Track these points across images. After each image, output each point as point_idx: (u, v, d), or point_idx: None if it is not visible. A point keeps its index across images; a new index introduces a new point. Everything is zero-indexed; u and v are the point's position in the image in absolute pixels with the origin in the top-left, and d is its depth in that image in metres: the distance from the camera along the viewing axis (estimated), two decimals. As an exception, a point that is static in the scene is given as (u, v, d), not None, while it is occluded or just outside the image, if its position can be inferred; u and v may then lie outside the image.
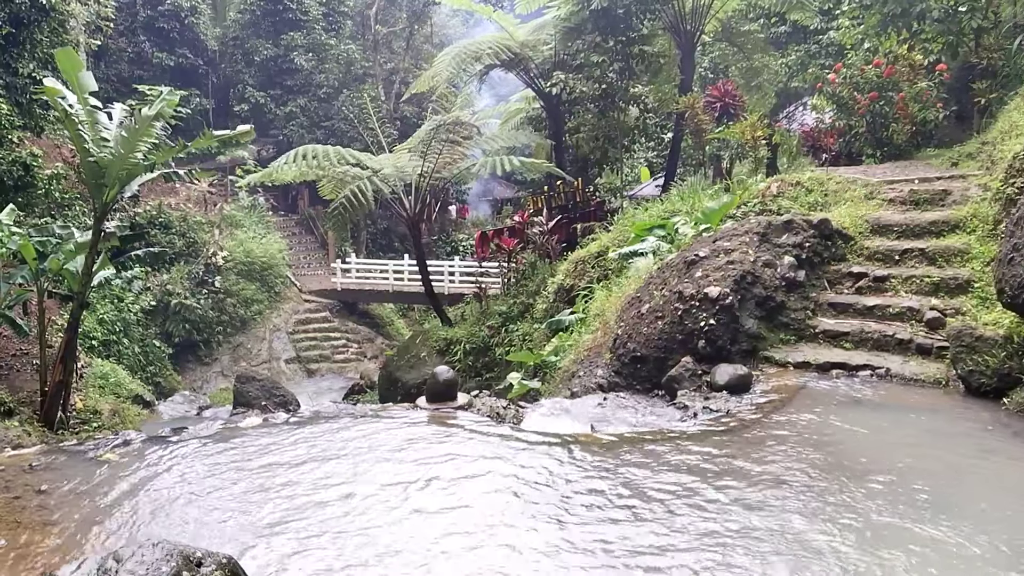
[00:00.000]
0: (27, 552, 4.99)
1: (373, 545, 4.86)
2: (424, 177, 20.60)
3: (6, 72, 18.81)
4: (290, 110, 37.05)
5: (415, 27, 40.43)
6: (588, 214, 22.33)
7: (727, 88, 20.18)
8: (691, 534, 4.83)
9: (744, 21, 25.18)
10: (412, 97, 32.63)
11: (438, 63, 24.61)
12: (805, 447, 6.27)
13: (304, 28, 37.84)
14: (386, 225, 38.28)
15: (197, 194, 30.26)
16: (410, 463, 6.27)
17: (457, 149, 20.89)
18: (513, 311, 18.19)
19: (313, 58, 37.36)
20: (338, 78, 37.42)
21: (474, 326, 19.09)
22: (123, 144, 12.02)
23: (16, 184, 17.88)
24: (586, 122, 23.45)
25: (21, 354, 16.04)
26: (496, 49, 23.38)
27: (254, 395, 18.50)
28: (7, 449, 7.64)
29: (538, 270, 18.71)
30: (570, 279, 15.38)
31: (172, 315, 25.91)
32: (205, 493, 5.77)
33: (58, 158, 23.64)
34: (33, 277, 13.43)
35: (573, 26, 22.75)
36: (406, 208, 21.14)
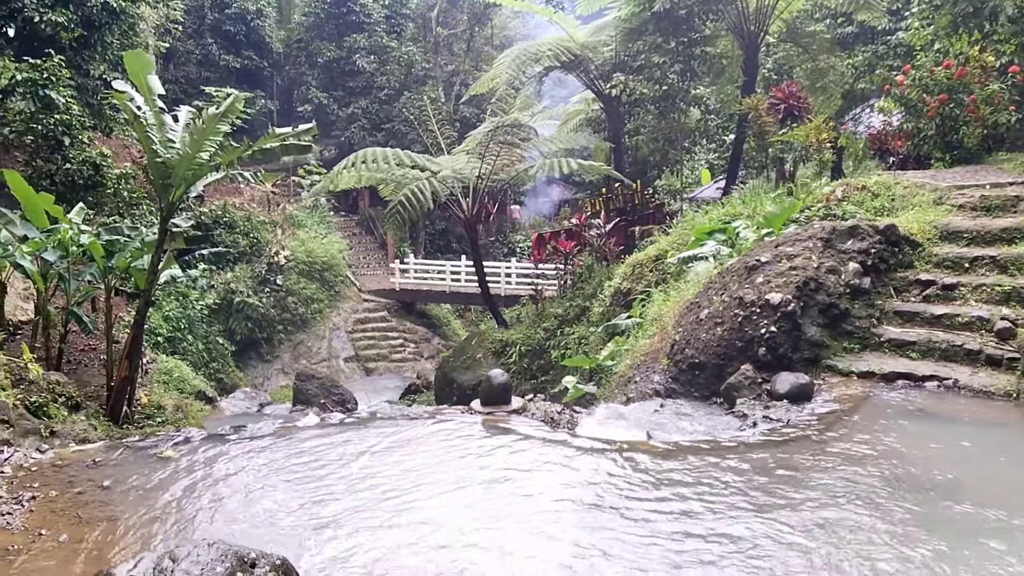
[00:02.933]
0: (87, 547, 5.09)
1: (422, 545, 4.85)
2: (482, 179, 20.64)
3: (78, 73, 19.35)
4: (352, 112, 37.45)
5: (476, 29, 40.53)
6: (647, 217, 22.15)
7: (791, 90, 19.81)
8: (745, 549, 4.72)
9: (809, 21, 24.71)
10: (471, 99, 32.75)
11: (498, 65, 24.65)
12: (868, 459, 6.10)
13: (367, 30, 38.22)
14: (444, 226, 38.46)
15: (261, 194, 30.77)
16: (464, 467, 6.26)
17: (515, 151, 20.89)
18: (569, 314, 18.11)
19: (375, 60, 37.71)
20: (399, 80, 37.71)
21: (530, 328, 19.05)
22: (189, 145, 12.24)
23: (86, 183, 18.39)
24: (646, 124, 23.28)
25: (89, 349, 16.45)
26: (556, 51, 23.34)
27: (313, 393, 18.77)
28: (72, 444, 7.83)
29: (595, 273, 18.60)
30: (627, 283, 15.25)
31: (235, 313, 26.33)
32: (262, 492, 5.83)
33: (127, 158, 24.24)
34: (101, 275, 13.76)
35: (634, 27, 22.59)
36: (464, 209, 21.20)
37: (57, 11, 18.49)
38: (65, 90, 18.17)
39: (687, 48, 22.04)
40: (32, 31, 18.49)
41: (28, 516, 5.61)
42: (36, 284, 13.80)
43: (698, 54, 22.37)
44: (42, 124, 17.89)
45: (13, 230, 13.51)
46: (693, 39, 22.07)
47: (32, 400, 11.37)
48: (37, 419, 10.49)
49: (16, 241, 13.41)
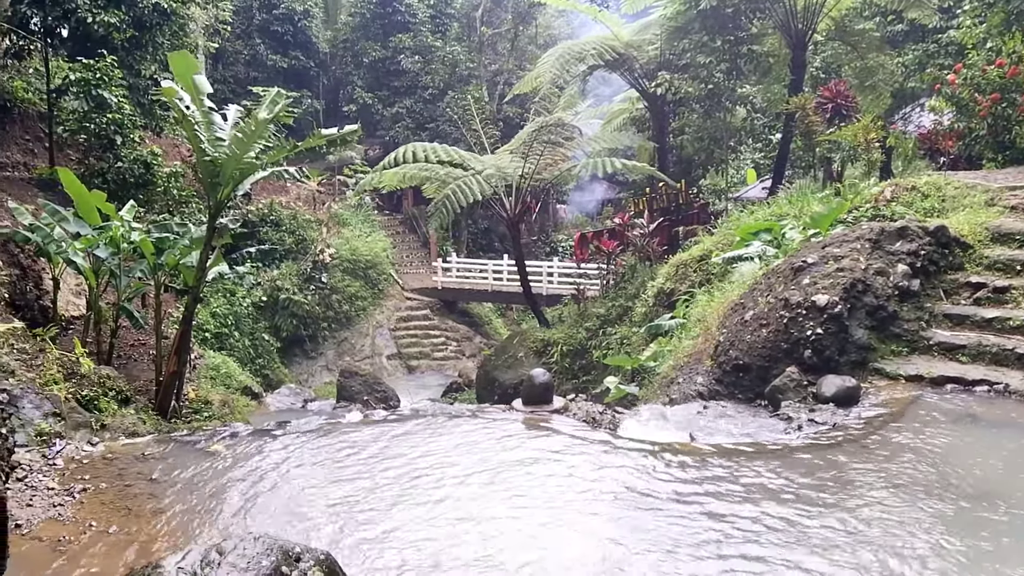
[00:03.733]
0: (135, 539, 5.18)
1: (463, 544, 4.87)
2: (525, 178, 20.65)
3: (129, 73, 19.71)
4: (396, 111, 37.70)
5: (520, 28, 40.54)
6: (691, 216, 21.99)
7: (840, 88, 19.51)
8: (788, 552, 4.67)
9: (858, 19, 24.32)
10: (515, 98, 32.77)
11: (542, 64, 24.64)
12: (916, 465, 5.99)
13: (412, 30, 38.46)
14: (486, 225, 38.56)
15: (307, 193, 31.11)
16: (505, 466, 6.26)
17: (559, 150, 20.87)
18: (611, 314, 18.05)
19: (420, 60, 37.92)
20: (443, 79, 37.87)
21: (572, 328, 19.02)
22: (237, 144, 12.41)
23: (137, 181, 18.73)
24: (691, 123, 23.11)
25: (139, 344, 16.79)
26: (600, 49, 23.26)
27: (356, 390, 18.93)
28: (122, 437, 7.97)
29: (638, 273, 18.51)
30: (671, 283, 15.15)
31: (281, 310, 26.64)
32: (306, 487, 5.89)
33: (176, 157, 24.66)
34: (151, 271, 14.03)
35: (680, 25, 22.43)
36: (506, 208, 21.23)
37: (110, 12, 18.85)
38: (117, 90, 18.53)
39: (733, 47, 21.83)
40: (85, 32, 18.86)
41: (79, 508, 5.72)
42: (88, 280, 14.11)
43: (744, 52, 22.14)
44: (95, 123, 18.26)
45: (66, 227, 13.82)
46: (740, 37, 21.85)
47: (83, 394, 11.62)
48: (88, 412, 10.71)
49: (69, 238, 13.72)
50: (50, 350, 12.30)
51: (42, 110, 20.46)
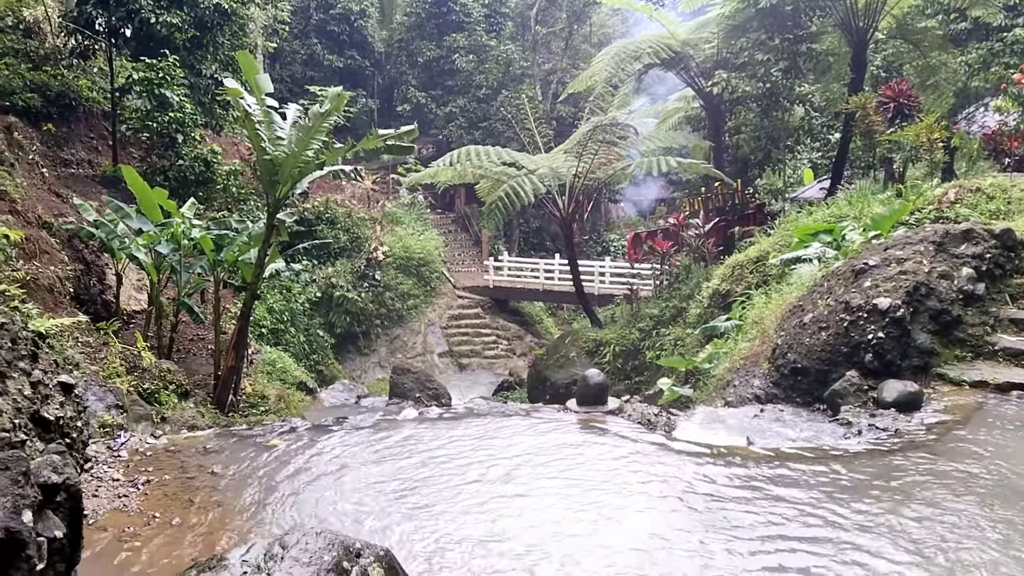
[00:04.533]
0: (198, 531, 5.28)
1: (511, 540, 4.86)
2: (579, 177, 20.60)
3: (190, 73, 20.10)
4: (450, 110, 37.88)
5: (574, 27, 40.43)
6: (747, 217, 21.71)
7: (901, 87, 19.12)
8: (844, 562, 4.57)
9: (921, 17, 23.79)
10: (569, 97, 32.71)
11: (596, 63, 24.54)
12: (980, 473, 5.84)
13: (466, 29, 38.62)
14: (538, 224, 38.54)
15: (361, 191, 31.38)
16: (562, 466, 6.25)
17: (613, 149, 20.78)
18: (665, 315, 17.92)
19: (474, 59, 38.05)
20: (497, 79, 37.95)
21: (624, 328, 18.92)
22: (296, 143, 12.58)
23: (198, 179, 19.08)
24: (748, 122, 22.81)
25: (197, 339, 17.09)
26: (656, 48, 23.09)
27: (409, 387, 19.05)
28: (183, 431, 8.13)
29: (692, 273, 18.35)
30: (726, 284, 14.99)
31: (335, 307, 26.92)
32: (364, 483, 5.94)
33: (235, 155, 25.06)
34: (210, 268, 14.28)
35: (737, 24, 22.17)
36: (559, 208, 21.20)
37: (172, 12, 19.24)
38: (179, 89, 18.89)
39: (792, 45, 21.51)
40: (148, 32, 19.27)
41: (143, 499, 5.84)
42: (150, 275, 14.40)
43: (803, 51, 21.80)
44: (157, 122, 18.64)
45: (129, 223, 14.13)
46: (799, 36, 21.51)
47: (145, 387, 11.89)
48: (149, 405, 10.96)
49: (132, 234, 14.02)
50: (113, 344, 12.60)
51: (106, 109, 20.94)
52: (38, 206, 15.33)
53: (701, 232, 19.43)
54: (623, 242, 35.48)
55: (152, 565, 4.78)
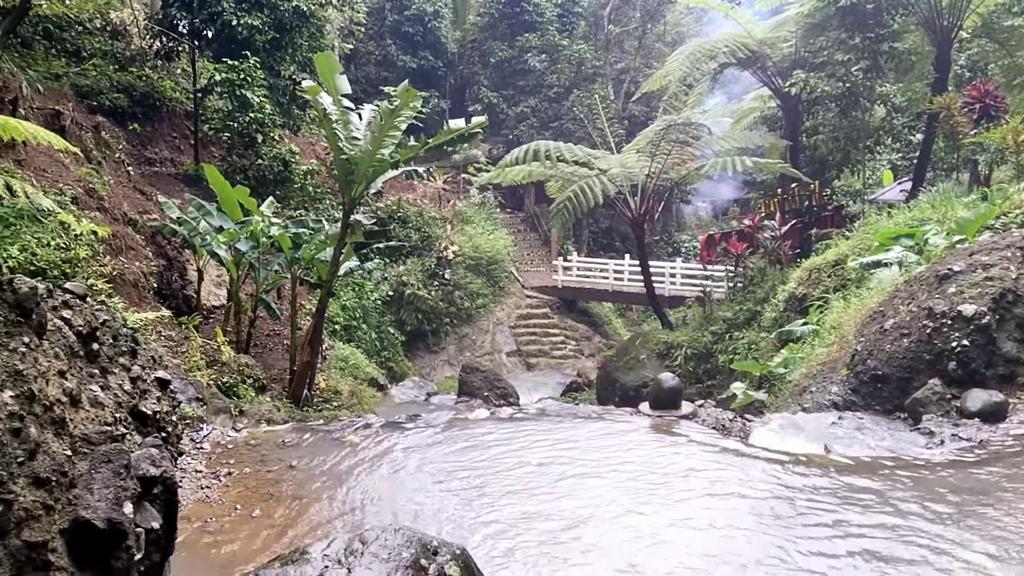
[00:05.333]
0: (279, 524, 5.39)
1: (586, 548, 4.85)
2: (651, 177, 20.43)
3: (269, 74, 20.53)
4: (521, 110, 37.93)
5: (648, 26, 40.11)
6: (824, 219, 21.23)
7: (987, 88, 18.49)
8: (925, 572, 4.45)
9: (1007, 15, 22.94)
10: (642, 96, 32.44)
11: (671, 62, 24.28)
12: (1073, 488, 5.62)
13: (539, 29, 38.63)
14: (608, 224, 38.35)
15: (433, 191, 31.65)
16: (635, 470, 6.21)
17: (687, 149, 20.55)
18: (739, 318, 17.66)
19: (546, 59, 38.05)
20: (569, 78, 37.87)
21: (696, 331, 18.70)
22: (371, 142, 12.75)
23: (276, 178, 19.49)
24: (826, 122, 22.33)
25: (274, 335, 17.46)
26: (732, 47, 22.74)
27: (477, 385, 19.11)
28: (263, 424, 8.31)
29: (768, 276, 18.05)
30: (803, 287, 14.71)
31: (406, 305, 27.19)
32: (438, 480, 6.00)
33: (312, 155, 25.52)
34: (288, 265, 14.57)
35: (817, 22, 21.72)
36: (631, 208, 21.06)
37: (253, 15, 19.67)
38: (259, 90, 19.32)
39: (873, 44, 20.97)
40: (230, 34, 19.74)
41: (225, 491, 6.00)
42: (229, 272, 14.76)
43: (885, 50, 21.24)
44: (238, 122, 19.09)
45: (210, 221, 14.49)
46: (880, 34, 20.96)
47: (224, 380, 12.19)
48: (228, 398, 11.23)
49: (213, 231, 14.38)
50: (194, 338, 12.95)
51: (188, 109, 21.51)
52: (124, 203, 15.83)
53: (777, 234, 19.09)
54: (695, 243, 35.12)
55: (235, 556, 4.89)
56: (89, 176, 14.86)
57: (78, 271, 10.55)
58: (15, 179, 10.23)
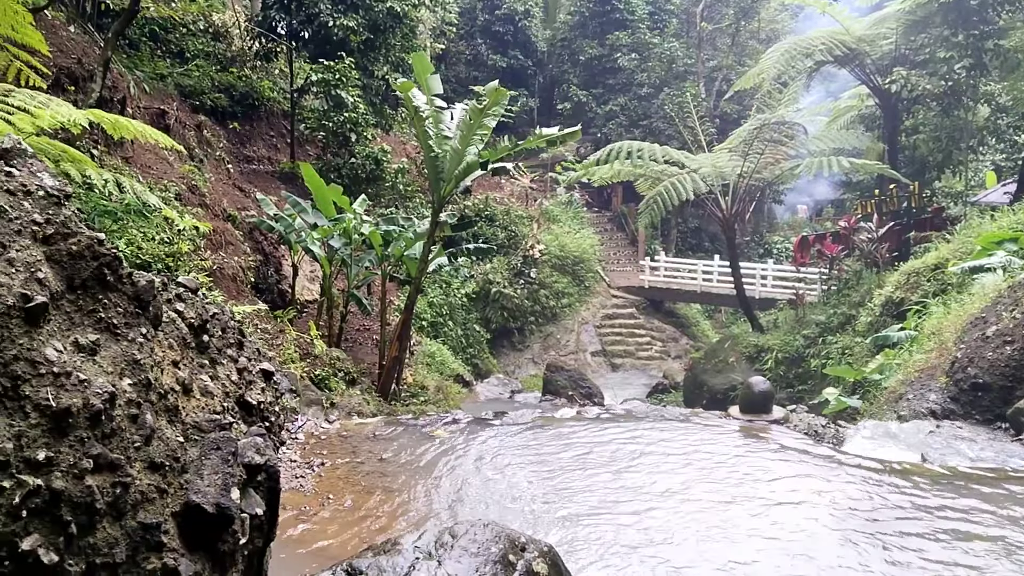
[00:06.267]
0: (369, 514, 5.51)
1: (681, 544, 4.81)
2: (743, 177, 20.11)
3: (364, 74, 20.94)
4: (610, 109, 37.77)
5: (742, 23, 39.44)
6: (924, 222, 20.53)
7: (1102, 85, 17.63)
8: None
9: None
10: (734, 94, 31.95)
11: (765, 59, 23.81)
12: None
13: (629, 27, 38.40)
14: (697, 224, 37.88)
15: (520, 189, 31.77)
16: (724, 474, 6.14)
17: (780, 148, 20.14)
18: (832, 322, 17.23)
19: (636, 57, 37.79)
20: (659, 76, 37.53)
21: (788, 335, 18.32)
22: (461, 142, 12.90)
23: (368, 176, 19.87)
24: (927, 121, 21.61)
25: (363, 329, 17.82)
26: (830, 44, 22.17)
27: (562, 384, 19.14)
28: (355, 417, 8.50)
29: (863, 280, 17.56)
30: (900, 292, 14.28)
31: (491, 302, 27.38)
32: (525, 478, 6.04)
33: (403, 154, 25.93)
34: (378, 261, 14.85)
35: (918, 19, 21.02)
36: (721, 208, 20.76)
37: (348, 16, 20.11)
38: (353, 90, 19.73)
39: (977, 41, 20.18)
40: (326, 35, 20.22)
41: (318, 481, 6.16)
42: (323, 268, 15.12)
43: (990, 48, 20.42)
44: (332, 121, 19.52)
45: (305, 218, 14.86)
46: (985, 31, 20.16)
47: (316, 373, 12.50)
48: (319, 391, 11.52)
49: (308, 228, 14.76)
50: (288, 331, 13.32)
51: (285, 109, 22.10)
52: (224, 200, 16.37)
53: (874, 236, 18.56)
54: (787, 244, 34.39)
55: (328, 545, 5.03)
56: (191, 173, 15.41)
57: (180, 265, 10.96)
58: (124, 176, 10.68)
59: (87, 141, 11.61)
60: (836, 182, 36.45)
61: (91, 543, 2.18)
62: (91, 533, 2.18)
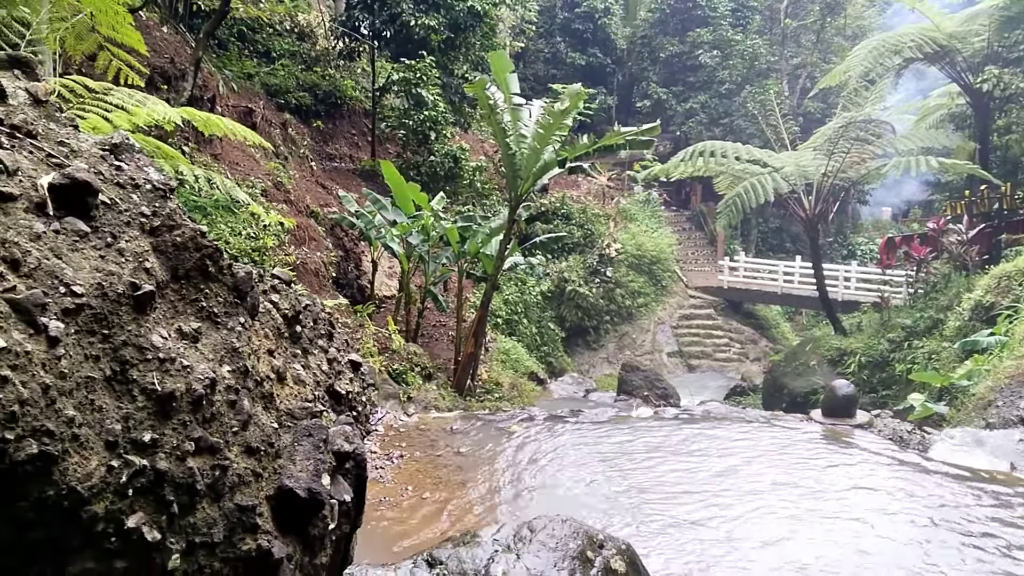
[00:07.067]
0: (447, 506, 5.59)
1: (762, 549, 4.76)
2: (828, 176, 19.67)
3: (444, 73, 21.14)
4: (690, 106, 37.36)
5: (827, 19, 38.57)
6: (1016, 224, 19.78)
7: None
8: None
9: None
10: (818, 92, 31.31)
11: (852, 57, 23.25)
12: None
13: (711, 24, 37.95)
14: (778, 224, 37.21)
15: (596, 187, 31.65)
16: (806, 478, 6.04)
17: (867, 148, 19.64)
18: (919, 326, 16.74)
19: (717, 54, 37.31)
20: (741, 74, 36.97)
21: (872, 338, 17.87)
22: (539, 140, 12.93)
23: (446, 174, 20.07)
24: (1021, 120, 20.83)
25: (439, 325, 18.01)
26: (919, 41, 21.54)
27: (637, 384, 19.04)
28: (432, 411, 8.61)
29: (952, 283, 17.02)
30: (991, 296, 13.81)
31: (566, 301, 27.33)
32: (603, 476, 6.04)
33: (480, 152, 26.10)
34: (455, 258, 15.00)
35: (1012, 15, 20.29)
36: (804, 208, 20.35)
37: (429, 15, 20.33)
38: (433, 88, 19.93)
39: (1076, 37, 19.42)
40: (407, 34, 20.47)
41: (397, 472, 6.27)
42: (401, 264, 15.34)
43: (1089, 44, 19.62)
44: (412, 120, 19.76)
45: (385, 215, 15.10)
46: (1084, 28, 19.38)
47: (394, 367, 12.70)
48: (397, 385, 11.70)
49: (387, 224, 14.99)
50: (367, 326, 13.55)
51: (367, 107, 22.45)
52: (307, 196, 16.73)
53: (964, 238, 17.97)
54: (872, 246, 33.56)
55: (407, 535, 5.12)
56: (276, 170, 15.79)
57: (266, 259, 11.26)
58: (214, 172, 11.02)
59: (178, 138, 12.02)
60: (924, 182, 35.38)
61: (191, 523, 2.27)
62: (191, 513, 2.27)
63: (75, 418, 2.02)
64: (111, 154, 2.54)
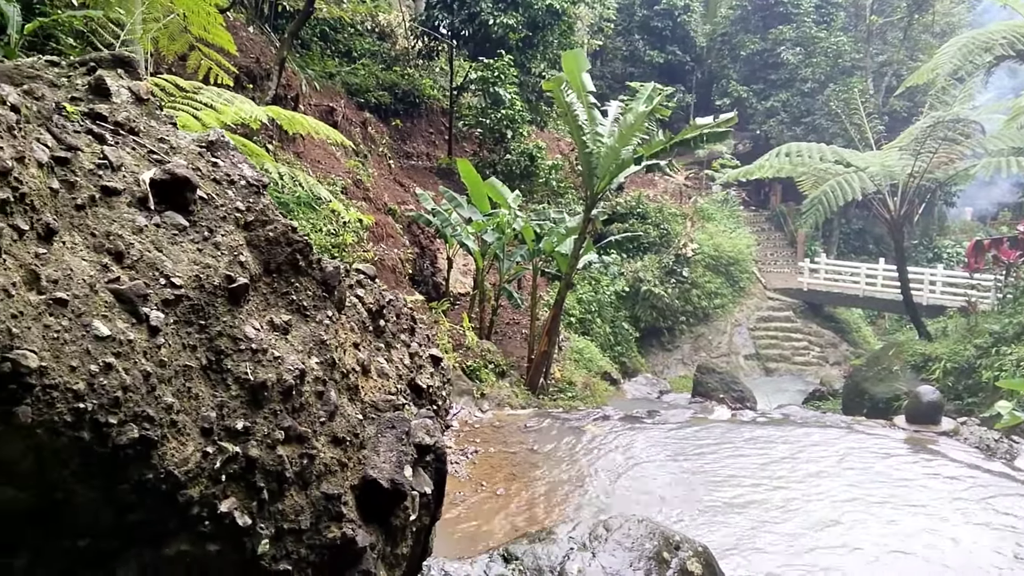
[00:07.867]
0: (521, 502, 5.62)
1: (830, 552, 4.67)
2: (914, 177, 19.12)
3: (521, 72, 21.19)
4: (771, 105, 36.70)
5: (915, 16, 37.44)
6: (1112, 227, 18.98)
7: None
8: None
9: None
10: (905, 91, 30.39)
11: (941, 54, 22.50)
12: None
13: (794, 21, 37.20)
14: (861, 225, 36.28)
15: (674, 186, 31.35)
16: (890, 485, 5.90)
17: (955, 148, 19.03)
18: (1008, 331, 16.16)
19: (800, 52, 36.56)
20: (824, 72, 36.14)
21: (958, 343, 17.32)
22: (616, 139, 12.88)
23: (522, 172, 20.13)
24: (1121, 120, 19.91)
25: (513, 323, 18.07)
26: (1012, 38, 20.75)
27: (712, 386, 18.83)
28: (507, 408, 8.66)
29: (1043, 288, 16.41)
30: (1088, 302, 13.25)
31: (641, 301, 27.12)
32: (680, 477, 6.00)
33: (556, 150, 26.08)
34: (530, 256, 15.04)
35: (1114, 9, 19.42)
36: (889, 209, 19.82)
37: (508, 14, 20.40)
38: (511, 87, 20.00)
39: None
40: (485, 33, 20.59)
41: (472, 468, 6.33)
42: (476, 261, 15.45)
43: None
44: (490, 118, 19.87)
45: (461, 212, 15.23)
46: None
47: (468, 364, 12.80)
48: (470, 381, 11.79)
49: (463, 222, 15.11)
50: (442, 322, 13.69)
51: (444, 106, 22.66)
52: (385, 194, 16.97)
53: (1056, 242, 17.31)
54: (959, 249, 32.52)
55: (481, 529, 5.16)
56: (356, 168, 16.06)
57: (345, 255, 11.47)
58: (297, 169, 11.26)
59: (263, 136, 12.32)
60: (1015, 184, 34.09)
61: (280, 509, 2.35)
62: (280, 499, 2.35)
63: (173, 405, 2.10)
64: (208, 151, 2.63)
